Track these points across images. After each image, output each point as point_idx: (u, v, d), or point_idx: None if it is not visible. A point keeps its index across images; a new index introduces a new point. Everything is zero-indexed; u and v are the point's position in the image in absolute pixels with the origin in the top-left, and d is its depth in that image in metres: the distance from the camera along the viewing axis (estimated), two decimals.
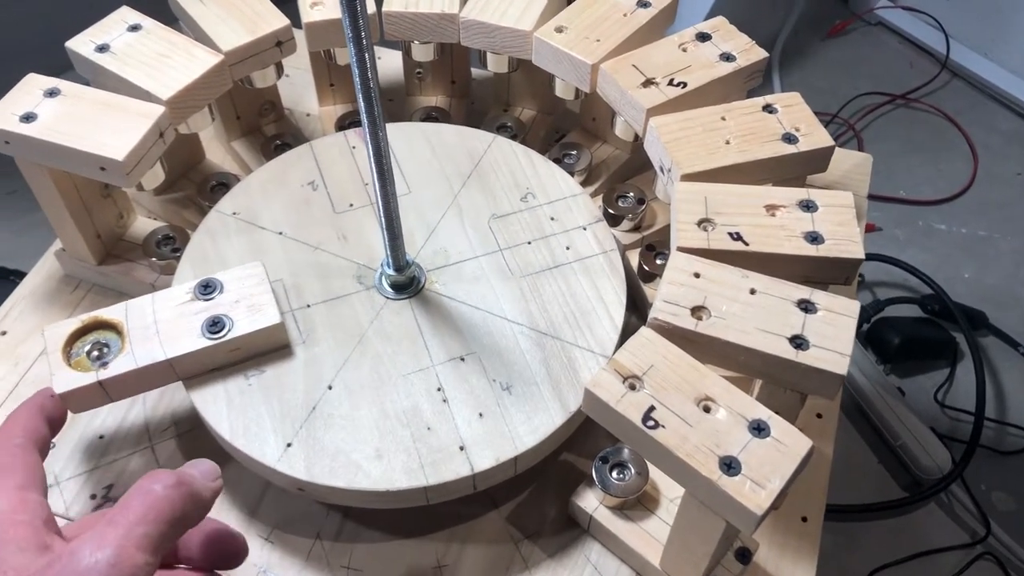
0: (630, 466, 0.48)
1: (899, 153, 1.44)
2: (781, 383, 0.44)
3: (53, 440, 0.43)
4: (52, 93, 0.52)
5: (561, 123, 0.68)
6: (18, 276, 1.00)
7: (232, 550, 0.40)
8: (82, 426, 0.52)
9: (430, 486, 0.45)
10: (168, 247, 0.57)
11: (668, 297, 0.45)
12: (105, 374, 0.45)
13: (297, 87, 0.70)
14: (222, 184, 0.60)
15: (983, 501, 1.06)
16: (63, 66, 0.56)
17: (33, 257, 0.61)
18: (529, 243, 0.54)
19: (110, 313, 0.47)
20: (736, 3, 1.61)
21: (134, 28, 0.56)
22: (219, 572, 0.40)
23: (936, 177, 1.41)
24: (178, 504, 0.35)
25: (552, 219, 0.55)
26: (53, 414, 0.43)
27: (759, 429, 0.40)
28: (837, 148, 0.69)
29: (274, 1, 0.59)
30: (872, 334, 1.18)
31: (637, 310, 0.58)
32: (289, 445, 0.46)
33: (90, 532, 0.34)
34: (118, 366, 0.46)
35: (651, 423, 0.40)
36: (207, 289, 0.48)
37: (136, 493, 0.35)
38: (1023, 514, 1.06)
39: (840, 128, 1.46)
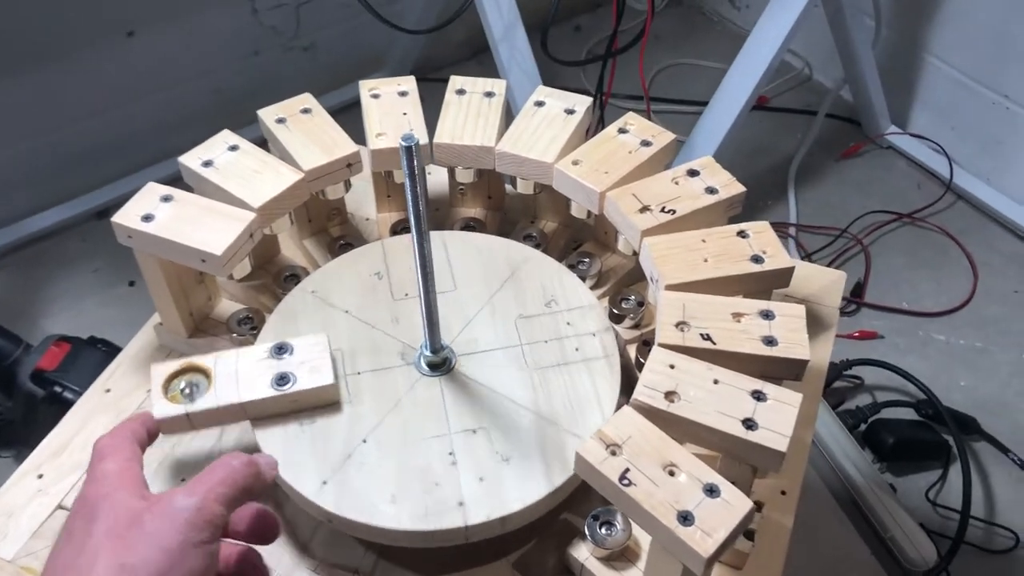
0: (616, 524, 0.58)
1: (903, 267, 1.54)
2: (735, 457, 0.55)
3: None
4: (166, 199, 0.65)
5: (578, 234, 0.79)
6: (105, 344, 1.12)
7: (271, 528, 0.53)
8: (167, 469, 0.64)
9: (429, 531, 0.55)
10: (247, 326, 0.69)
11: (647, 383, 0.56)
12: (192, 408, 0.57)
13: (359, 195, 0.82)
14: (293, 276, 0.73)
15: None
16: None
17: (114, 327, 0.73)
18: (546, 342, 0.65)
19: (203, 360, 0.60)
20: (756, 125, 1.75)
21: (233, 148, 0.70)
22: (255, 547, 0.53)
23: (937, 291, 1.50)
24: (249, 477, 0.49)
25: (568, 324, 0.66)
26: (150, 430, 0.56)
27: (711, 491, 0.51)
28: (816, 266, 0.80)
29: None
30: (869, 434, 1.26)
31: (631, 394, 0.68)
32: (325, 483, 0.56)
33: (182, 486, 0.48)
34: (203, 403, 0.58)
35: (626, 482, 0.51)
36: (280, 350, 0.60)
37: (218, 464, 0.49)
38: None
39: (848, 242, 1.57)
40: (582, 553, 0.58)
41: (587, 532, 0.58)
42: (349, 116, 0.75)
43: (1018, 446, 1.26)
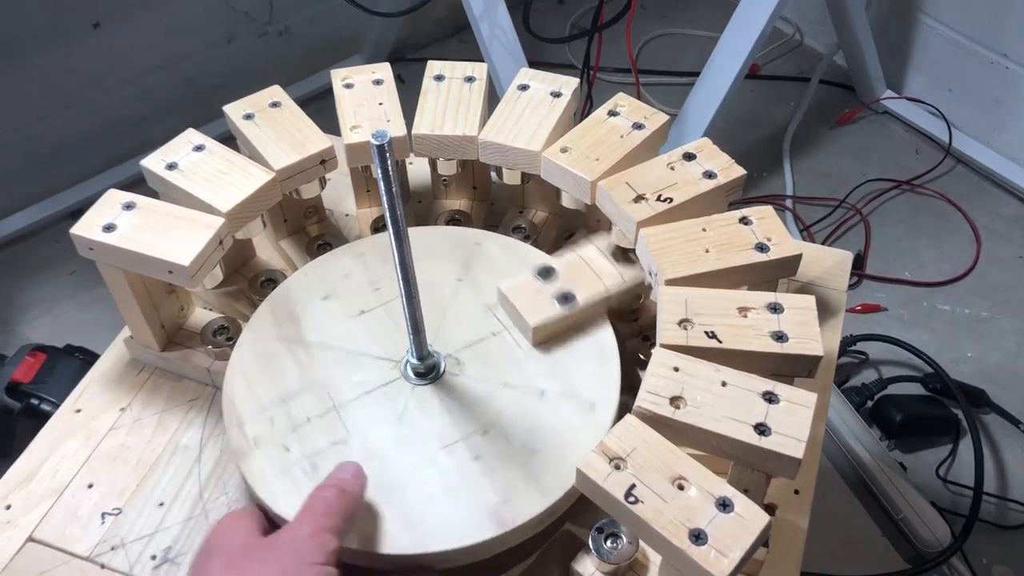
0: (623, 536, 0.55)
1: (904, 236, 1.51)
2: (747, 464, 0.51)
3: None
4: (129, 206, 0.61)
5: (570, 223, 0.76)
6: (82, 353, 1.08)
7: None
8: (145, 494, 0.60)
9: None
10: (223, 336, 0.66)
11: (651, 388, 0.52)
12: None
13: (338, 190, 0.78)
14: (270, 280, 0.69)
15: (985, 574, 1.10)
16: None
17: (93, 331, 0.69)
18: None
19: None
20: (748, 95, 1.71)
21: (199, 148, 0.65)
22: None
23: (940, 260, 1.47)
24: (347, 504, 0.51)
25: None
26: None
27: (724, 505, 0.47)
28: (820, 247, 0.77)
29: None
30: (876, 411, 1.23)
31: (632, 392, 0.64)
32: None
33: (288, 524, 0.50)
34: None
35: (632, 499, 0.47)
36: None
37: (315, 498, 0.50)
38: None
39: (847, 212, 1.53)
40: (587, 568, 0.55)
41: (591, 545, 0.54)
42: (328, 103, 0.71)
43: None
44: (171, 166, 0.64)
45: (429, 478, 0.54)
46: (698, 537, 0.45)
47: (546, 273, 0.63)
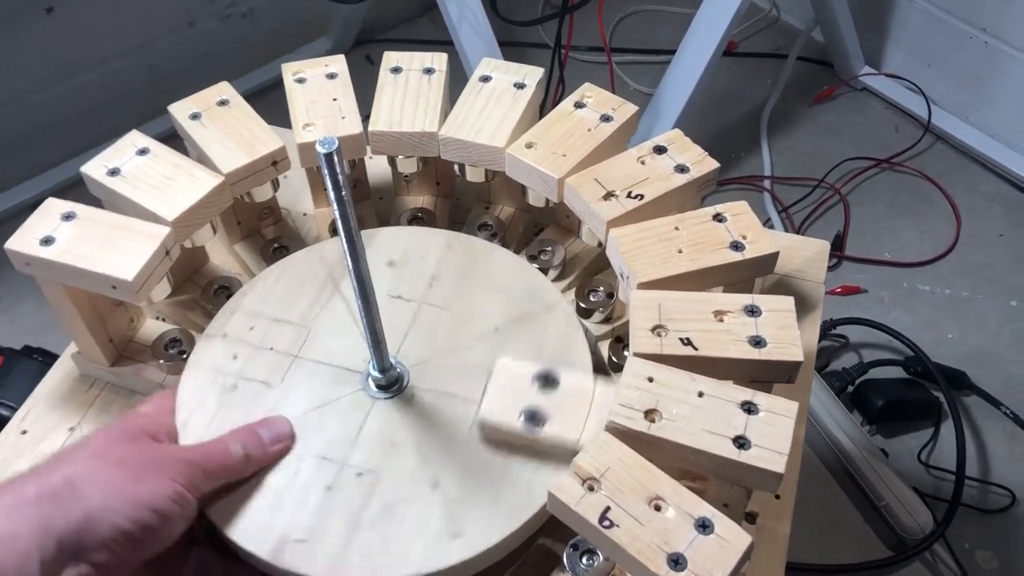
0: (599, 553, 0.52)
1: (884, 216, 1.48)
2: (726, 479, 0.49)
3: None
4: (68, 217, 0.57)
5: (539, 218, 0.72)
6: (40, 354, 1.04)
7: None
8: None
9: None
10: (175, 349, 0.62)
11: (624, 401, 0.49)
12: None
13: (294, 188, 0.74)
14: (224, 287, 0.65)
15: (967, 560, 1.09)
16: None
17: (57, 331, 0.64)
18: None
19: None
20: (724, 72, 1.67)
21: (142, 152, 0.62)
22: None
23: (920, 239, 1.45)
24: (237, 470, 0.51)
25: None
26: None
27: (704, 526, 0.44)
28: (797, 237, 0.74)
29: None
30: (857, 396, 1.22)
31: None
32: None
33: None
34: None
35: (607, 523, 0.45)
36: None
37: (220, 443, 0.51)
38: (1006, 572, 1.09)
39: (826, 192, 1.51)
40: None
41: (567, 564, 0.52)
42: None
43: (1009, 398, 1.22)
44: (113, 172, 0.61)
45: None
46: (677, 562, 0.43)
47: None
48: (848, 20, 1.59)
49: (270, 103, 0.68)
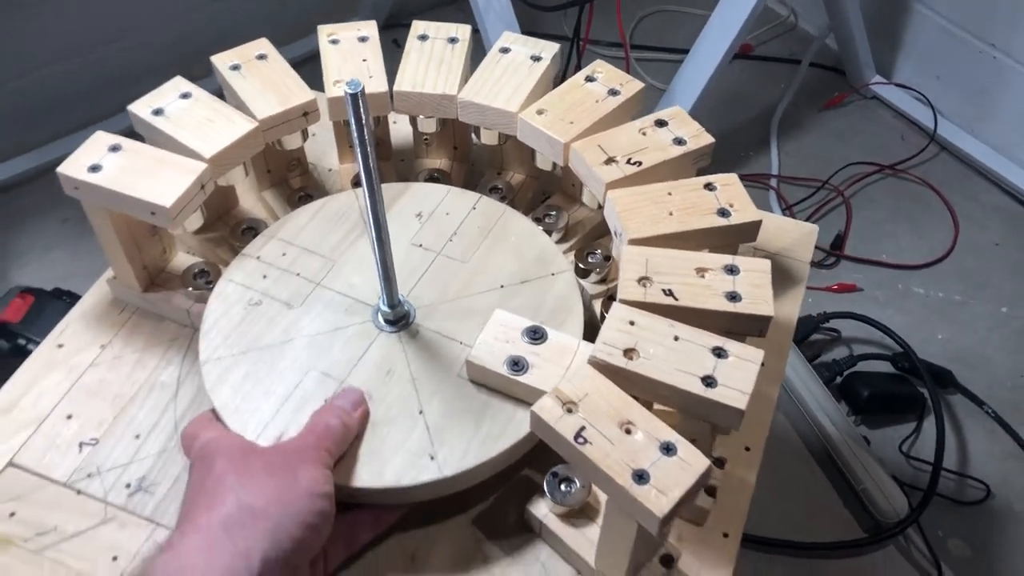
0: (576, 481, 0.58)
1: (885, 220, 1.53)
2: (693, 414, 0.54)
3: None
4: (115, 148, 0.63)
5: (546, 186, 0.78)
6: (69, 296, 1.10)
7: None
8: (122, 427, 0.62)
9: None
10: (203, 279, 0.68)
11: (606, 340, 0.54)
12: None
13: (321, 144, 0.80)
14: (251, 228, 0.71)
15: (940, 547, 1.13)
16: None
17: (84, 278, 0.70)
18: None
19: None
20: (739, 74, 1.72)
21: (185, 96, 0.67)
22: None
23: (918, 244, 1.49)
24: (346, 436, 0.54)
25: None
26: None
27: (668, 449, 0.49)
28: (787, 219, 0.79)
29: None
30: (844, 387, 1.26)
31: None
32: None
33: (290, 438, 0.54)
34: None
35: (581, 440, 0.50)
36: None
37: (317, 421, 0.54)
38: (977, 561, 1.13)
39: (830, 194, 1.55)
40: (541, 510, 0.57)
41: (546, 489, 0.57)
42: (319, 65, 0.71)
43: (993, 399, 1.27)
44: (157, 112, 0.66)
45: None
46: (641, 477, 0.48)
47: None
48: (861, 29, 1.64)
49: None
